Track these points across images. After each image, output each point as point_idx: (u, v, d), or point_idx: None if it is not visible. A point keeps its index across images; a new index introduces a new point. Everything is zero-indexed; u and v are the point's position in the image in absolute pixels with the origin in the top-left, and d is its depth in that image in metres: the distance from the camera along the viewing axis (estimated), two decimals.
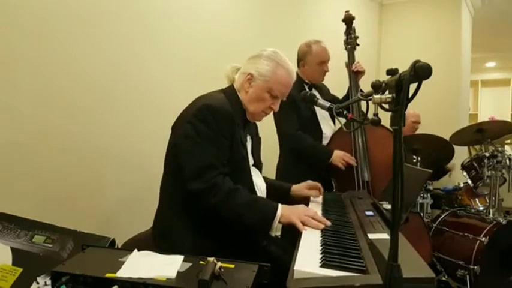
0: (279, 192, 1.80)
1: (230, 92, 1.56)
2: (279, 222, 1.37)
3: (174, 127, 1.54)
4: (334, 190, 2.47)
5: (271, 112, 1.62)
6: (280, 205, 1.40)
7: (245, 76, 1.53)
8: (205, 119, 1.40)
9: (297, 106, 2.36)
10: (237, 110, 1.52)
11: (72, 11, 2.11)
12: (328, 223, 1.35)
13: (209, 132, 1.39)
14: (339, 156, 2.40)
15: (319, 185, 1.86)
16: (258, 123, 1.73)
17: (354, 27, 2.68)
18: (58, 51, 2.07)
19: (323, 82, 2.63)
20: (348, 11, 2.69)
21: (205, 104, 1.43)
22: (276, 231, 1.42)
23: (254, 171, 1.62)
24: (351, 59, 2.63)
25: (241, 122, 1.54)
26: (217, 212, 1.37)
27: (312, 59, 2.47)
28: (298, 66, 2.53)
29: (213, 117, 1.40)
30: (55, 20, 2.05)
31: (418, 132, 3.81)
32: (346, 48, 2.66)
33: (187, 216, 1.43)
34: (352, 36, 2.66)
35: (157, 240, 1.50)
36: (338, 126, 2.58)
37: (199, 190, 1.35)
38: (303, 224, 1.34)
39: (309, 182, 1.85)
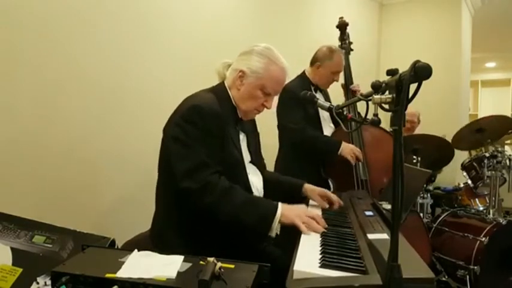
0: (291, 190, 1.75)
1: (220, 90, 1.53)
2: (280, 222, 1.34)
3: (164, 130, 1.51)
4: (331, 190, 2.47)
5: (271, 109, 1.60)
6: (280, 205, 1.37)
7: (236, 73, 1.50)
8: (192, 120, 1.37)
9: (303, 104, 2.35)
10: (227, 108, 1.49)
11: (72, 11, 2.12)
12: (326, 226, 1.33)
13: (197, 132, 1.36)
14: (349, 149, 2.39)
15: (334, 198, 1.70)
16: (256, 120, 1.71)
17: (348, 33, 2.69)
18: (58, 51, 2.08)
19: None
20: (341, 17, 2.70)
21: (192, 105, 1.40)
22: (276, 230, 1.40)
23: (251, 169, 1.58)
24: (346, 64, 2.64)
25: (233, 120, 1.51)
26: (213, 211, 1.34)
27: (330, 65, 2.46)
28: (311, 65, 2.52)
29: (200, 118, 1.37)
30: (55, 20, 2.06)
31: (418, 132, 3.80)
32: None
33: (182, 217, 1.42)
34: (347, 41, 2.68)
35: (154, 241, 1.50)
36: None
37: (192, 190, 1.32)
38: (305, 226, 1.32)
39: (326, 192, 1.73)
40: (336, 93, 2.72)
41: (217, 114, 1.41)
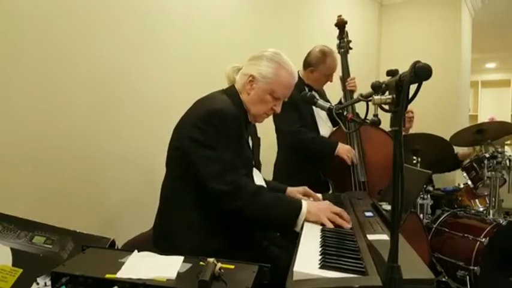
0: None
1: (232, 93, 1.54)
2: (308, 220, 1.36)
3: (177, 130, 1.52)
4: (330, 191, 2.47)
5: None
6: (304, 202, 1.40)
7: (246, 78, 1.52)
8: (213, 123, 1.38)
9: (297, 106, 2.35)
10: (240, 111, 1.51)
11: (72, 11, 2.11)
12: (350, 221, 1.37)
13: (220, 135, 1.38)
14: (346, 149, 2.39)
15: (314, 194, 1.77)
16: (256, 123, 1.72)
17: (346, 32, 2.69)
18: (58, 51, 2.07)
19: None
20: (340, 16, 2.70)
21: (212, 108, 1.41)
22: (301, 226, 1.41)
23: (255, 172, 1.61)
24: (344, 63, 2.64)
25: (244, 123, 1.53)
26: (243, 212, 1.37)
27: (323, 69, 2.47)
28: (305, 68, 2.52)
29: (221, 120, 1.39)
30: (55, 20, 2.05)
31: (418, 131, 3.79)
32: (339, 52, 2.66)
33: (191, 217, 1.43)
34: (345, 40, 2.67)
35: (158, 241, 1.50)
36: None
37: (223, 192, 1.34)
38: (330, 221, 1.35)
39: (306, 189, 1.78)
40: (331, 90, 2.72)
41: (235, 116, 1.43)
